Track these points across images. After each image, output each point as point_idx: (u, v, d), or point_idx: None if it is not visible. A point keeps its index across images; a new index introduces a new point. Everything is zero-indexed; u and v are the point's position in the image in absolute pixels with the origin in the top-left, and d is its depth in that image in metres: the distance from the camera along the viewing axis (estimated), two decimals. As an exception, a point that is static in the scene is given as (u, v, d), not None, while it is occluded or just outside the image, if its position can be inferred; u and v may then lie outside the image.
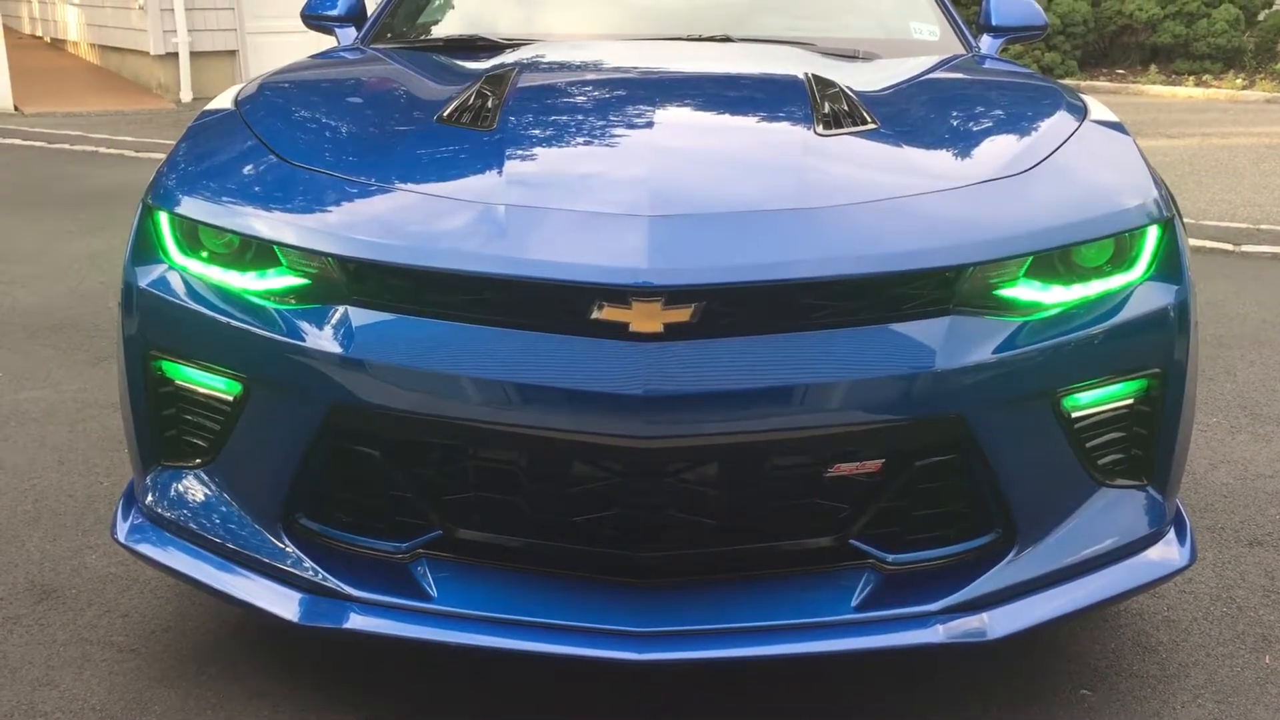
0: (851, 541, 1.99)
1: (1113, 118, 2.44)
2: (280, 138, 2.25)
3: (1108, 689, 2.26)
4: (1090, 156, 2.24)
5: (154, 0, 11.00)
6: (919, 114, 2.44)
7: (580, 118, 2.45)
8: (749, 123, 2.52)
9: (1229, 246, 5.76)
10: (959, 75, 2.97)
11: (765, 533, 1.99)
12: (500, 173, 2.07)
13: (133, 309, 2.12)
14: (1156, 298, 2.05)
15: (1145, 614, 2.51)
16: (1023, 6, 3.55)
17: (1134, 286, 2.05)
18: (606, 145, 2.30)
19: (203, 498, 2.13)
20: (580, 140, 2.32)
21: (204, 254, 2.09)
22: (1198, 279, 2.25)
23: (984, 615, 1.97)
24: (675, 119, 2.45)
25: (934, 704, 2.21)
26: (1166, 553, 2.14)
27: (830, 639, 1.93)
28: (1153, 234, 2.08)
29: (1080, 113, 2.41)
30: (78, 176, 7.58)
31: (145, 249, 2.15)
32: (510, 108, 2.36)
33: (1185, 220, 6.02)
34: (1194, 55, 12.56)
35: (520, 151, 2.19)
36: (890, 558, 2.00)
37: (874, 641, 1.93)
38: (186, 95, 11.10)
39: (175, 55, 11.13)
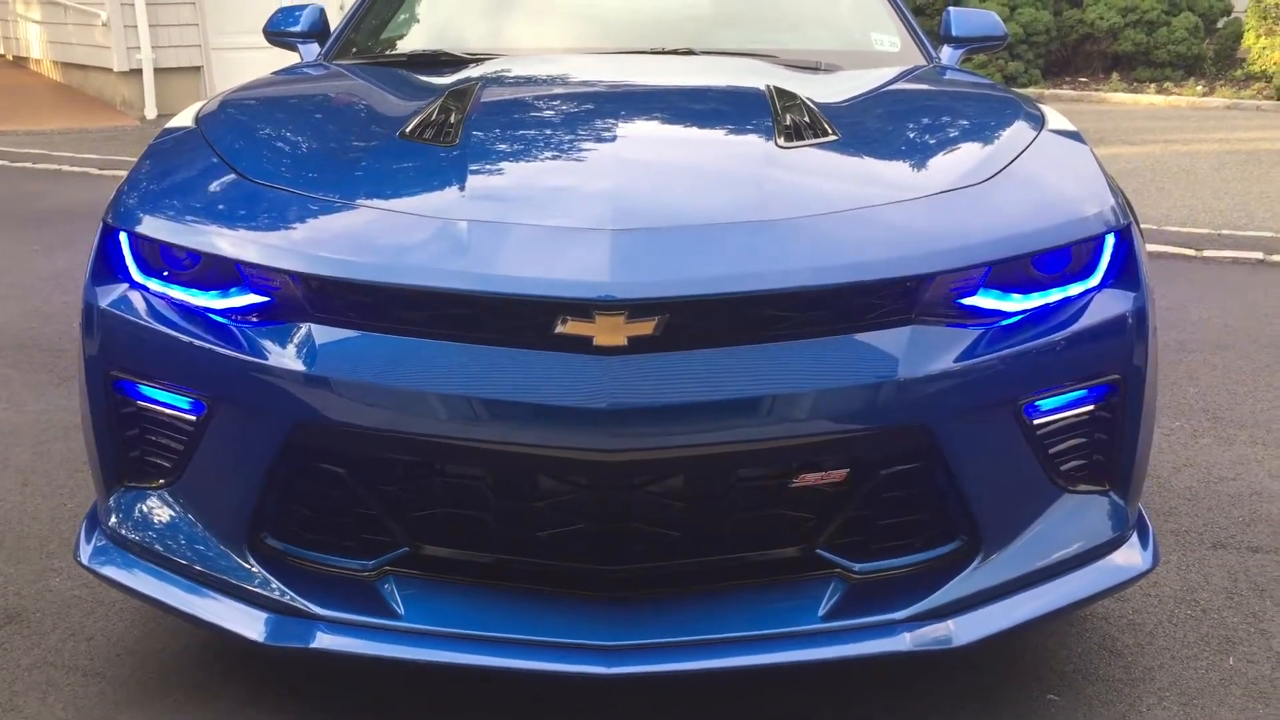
0: (818, 551, 2.00)
1: (1070, 127, 2.47)
2: (241, 155, 2.25)
3: (1074, 693, 2.28)
4: (1048, 165, 2.27)
5: (117, 17, 10.92)
6: (879, 125, 2.46)
7: (543, 132, 2.45)
8: (711, 135, 2.53)
9: (1191, 252, 5.83)
10: (919, 86, 2.99)
11: (732, 544, 2.00)
12: (463, 188, 2.07)
13: (93, 329, 2.11)
14: (1115, 305, 2.08)
15: (1110, 618, 2.54)
16: (982, 17, 3.59)
17: (1092, 294, 2.08)
18: (569, 159, 2.30)
19: (166, 518, 2.11)
20: (543, 155, 2.32)
21: (165, 273, 2.07)
22: (1160, 284, 2.28)
23: (950, 622, 1.99)
24: (638, 132, 2.46)
25: (901, 712, 2.22)
26: (1130, 557, 2.16)
27: (798, 649, 1.94)
28: (1110, 241, 2.10)
29: (1038, 122, 2.43)
30: (41, 195, 7.52)
31: (106, 269, 2.13)
32: (473, 123, 2.36)
33: (1148, 226, 6.11)
34: (1155, 63, 12.71)
35: (483, 166, 2.19)
36: (857, 567, 2.01)
37: (841, 651, 1.94)
38: (151, 112, 11.02)
39: (139, 72, 11.05)
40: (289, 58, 3.60)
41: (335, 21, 3.69)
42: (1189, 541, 2.89)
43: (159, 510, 2.12)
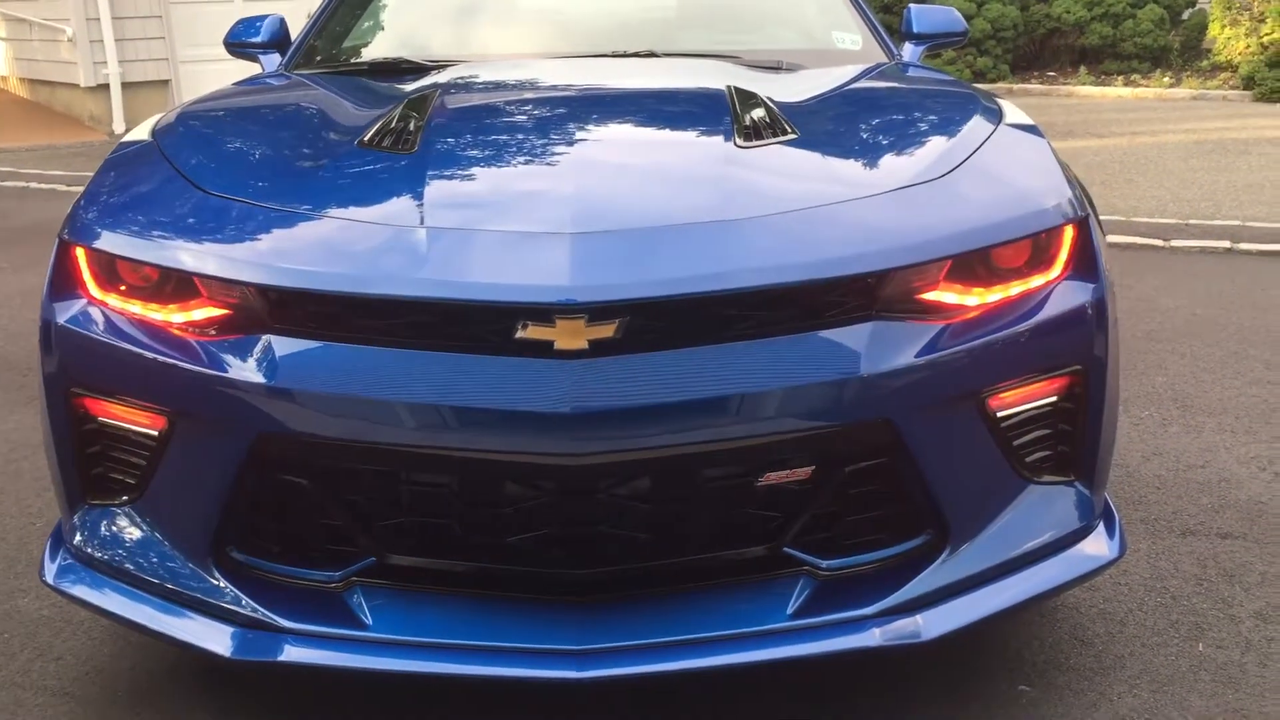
0: (785, 549, 2.01)
1: (1028, 121, 2.48)
2: (198, 168, 2.23)
3: (1046, 683, 2.29)
4: (1006, 159, 2.28)
5: (83, 31, 10.85)
6: (839, 123, 2.47)
7: (503, 137, 2.45)
8: (671, 137, 2.53)
9: (1159, 242, 5.87)
10: (879, 84, 3.00)
11: (699, 544, 2.00)
12: (421, 196, 2.06)
13: (52, 346, 2.09)
14: (1075, 296, 2.09)
15: (1081, 607, 2.55)
16: (942, 14, 3.61)
17: (1052, 286, 2.09)
18: (529, 164, 2.30)
19: (131, 535, 2.10)
20: (503, 160, 2.32)
21: (123, 288, 2.06)
22: (1129, 275, 2.29)
23: (919, 616, 1.99)
24: (598, 136, 2.46)
25: (872, 705, 2.23)
26: (1097, 546, 2.18)
27: (768, 647, 1.94)
28: (1068, 233, 2.11)
29: (996, 116, 2.45)
30: (8, 213, 7.46)
31: (63, 284, 2.12)
32: (432, 130, 2.35)
33: (1117, 218, 6.15)
34: (1122, 55, 12.80)
35: (442, 173, 2.18)
36: (824, 564, 2.01)
37: (811, 648, 1.95)
38: (119, 126, 10.95)
39: (107, 87, 10.98)
40: (254, 70, 3.58)
41: (297, 32, 3.67)
42: (1158, 529, 2.90)
43: (124, 527, 2.11)
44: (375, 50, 3.53)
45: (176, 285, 2.01)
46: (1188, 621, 2.50)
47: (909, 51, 3.53)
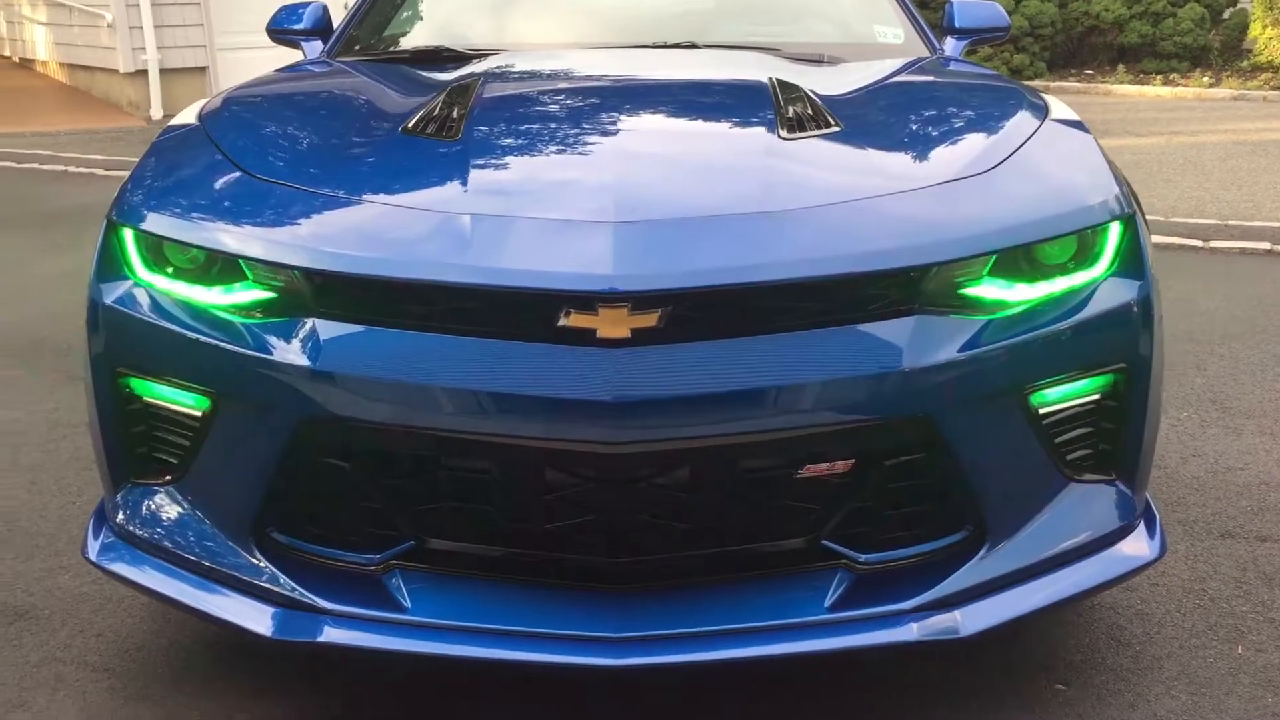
0: (823, 542, 2.00)
1: (1074, 116, 2.46)
2: (244, 152, 2.25)
3: (1082, 682, 2.28)
4: (1052, 155, 2.26)
5: (122, 18, 10.94)
6: (882, 116, 2.46)
7: (545, 126, 2.45)
8: (714, 128, 2.53)
9: (1198, 243, 5.81)
10: (922, 78, 2.99)
11: (737, 535, 2.00)
12: (465, 182, 2.07)
13: (99, 326, 2.11)
14: (1120, 293, 2.07)
15: (1118, 607, 2.53)
16: (985, 9, 3.58)
17: (1097, 283, 2.07)
18: (572, 152, 2.30)
19: (174, 514, 2.12)
20: (545, 148, 2.32)
21: (169, 270, 2.08)
22: (1167, 275, 2.27)
23: (957, 612, 1.98)
24: (640, 125, 2.46)
25: (907, 701, 2.22)
26: (1137, 546, 2.16)
27: (805, 640, 1.94)
28: (1115, 230, 2.10)
29: (1042, 112, 2.43)
30: (48, 196, 7.54)
31: (110, 266, 2.14)
32: (475, 117, 2.36)
33: (1155, 218, 6.09)
34: (1161, 54, 12.67)
35: (486, 161, 2.19)
36: (862, 557, 2.01)
37: (848, 641, 1.94)
38: (157, 112, 11.04)
39: (145, 73, 11.07)
40: (294, 57, 3.61)
41: (338, 19, 3.69)
42: (1197, 531, 2.88)
43: (166, 506, 2.13)
44: (417, 38, 3.54)
45: (222, 267, 2.03)
46: (1226, 624, 2.48)
47: (951, 46, 3.51)
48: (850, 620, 1.96)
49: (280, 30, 3.64)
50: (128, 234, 2.12)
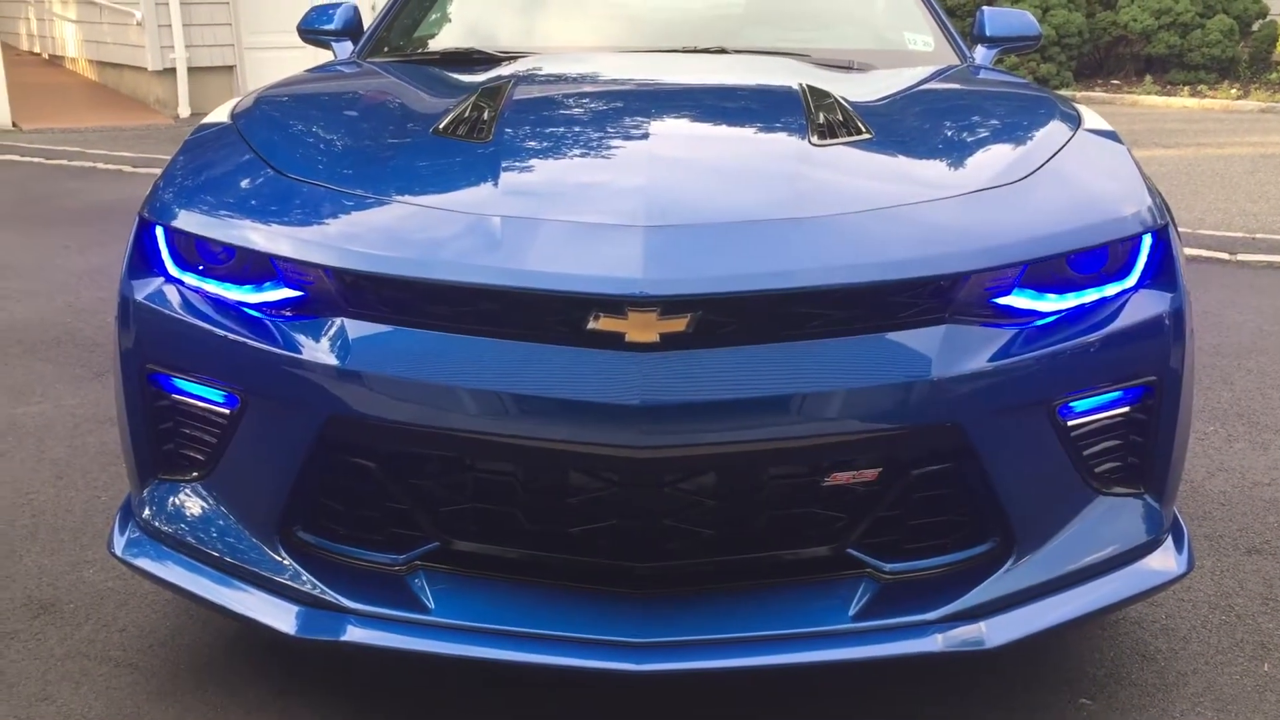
0: (849, 551, 1.99)
1: (1106, 127, 2.45)
2: (276, 151, 2.26)
3: (1107, 698, 2.26)
4: (1084, 165, 2.25)
5: (152, 16, 11.03)
6: (913, 124, 2.45)
7: (576, 129, 2.46)
8: (744, 133, 2.52)
9: (1225, 255, 5.77)
10: (953, 85, 2.98)
11: (762, 542, 1.99)
12: (496, 184, 2.07)
13: (129, 322, 2.12)
14: (1151, 305, 2.06)
15: (1144, 622, 2.51)
16: (1016, 17, 3.57)
17: (1129, 294, 2.06)
18: (602, 156, 2.31)
19: (199, 511, 2.13)
20: (576, 151, 2.32)
21: (200, 267, 2.09)
22: (1194, 288, 2.25)
23: (982, 624, 1.97)
24: (671, 130, 2.46)
25: (931, 713, 2.21)
26: (1164, 560, 2.14)
27: (828, 649, 1.93)
28: (1147, 242, 2.08)
29: (1074, 122, 2.41)
30: (76, 192, 7.59)
31: (142, 262, 2.15)
32: (506, 120, 2.37)
33: (1181, 230, 6.02)
34: (1188, 65, 12.60)
35: (516, 163, 2.19)
36: (887, 567, 2.00)
37: (872, 651, 1.93)
38: (184, 110, 11.12)
39: (173, 71, 11.15)
40: (321, 57, 3.63)
41: (368, 20, 3.71)
42: (1223, 546, 2.85)
43: (192, 503, 2.14)
44: (446, 40, 3.55)
45: (253, 266, 2.04)
46: (1253, 641, 2.45)
47: (981, 54, 3.49)
48: (874, 630, 1.94)
49: (311, 30, 3.65)
50: (159, 231, 2.13)
